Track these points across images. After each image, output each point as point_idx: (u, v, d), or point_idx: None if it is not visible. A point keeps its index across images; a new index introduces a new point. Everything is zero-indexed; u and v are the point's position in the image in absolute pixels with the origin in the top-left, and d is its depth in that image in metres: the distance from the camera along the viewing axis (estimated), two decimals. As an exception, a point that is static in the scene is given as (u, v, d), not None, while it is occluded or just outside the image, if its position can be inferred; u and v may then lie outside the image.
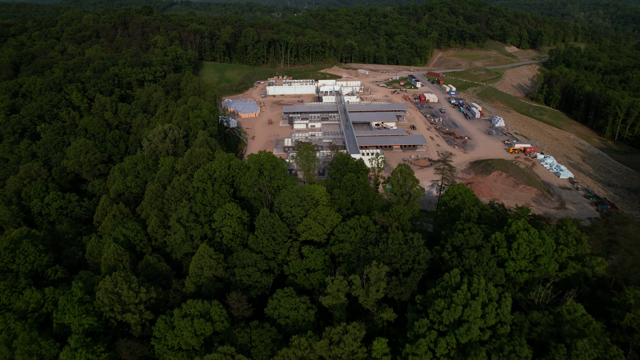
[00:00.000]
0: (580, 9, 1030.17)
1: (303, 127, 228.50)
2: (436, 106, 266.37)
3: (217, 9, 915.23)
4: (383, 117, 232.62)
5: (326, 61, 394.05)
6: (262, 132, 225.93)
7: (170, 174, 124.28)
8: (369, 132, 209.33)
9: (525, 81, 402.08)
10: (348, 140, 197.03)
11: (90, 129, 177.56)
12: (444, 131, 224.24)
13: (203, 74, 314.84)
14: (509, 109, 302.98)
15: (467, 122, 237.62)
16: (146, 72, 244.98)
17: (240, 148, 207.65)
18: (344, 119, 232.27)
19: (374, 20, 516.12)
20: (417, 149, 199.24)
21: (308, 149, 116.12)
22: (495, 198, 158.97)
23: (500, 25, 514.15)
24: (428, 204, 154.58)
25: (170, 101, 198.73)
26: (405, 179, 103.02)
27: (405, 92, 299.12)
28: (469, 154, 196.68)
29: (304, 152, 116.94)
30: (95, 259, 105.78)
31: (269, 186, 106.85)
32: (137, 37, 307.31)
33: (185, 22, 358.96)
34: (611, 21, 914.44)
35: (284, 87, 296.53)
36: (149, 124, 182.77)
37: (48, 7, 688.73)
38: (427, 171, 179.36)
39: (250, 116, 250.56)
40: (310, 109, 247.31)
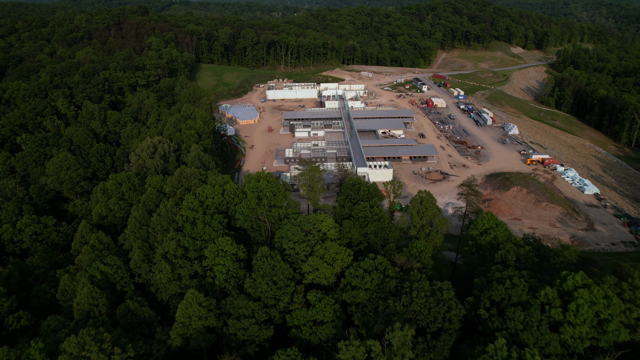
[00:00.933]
0: (583, 8, 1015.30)
1: (305, 135, 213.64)
2: (445, 112, 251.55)
3: (216, 9, 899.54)
4: (390, 124, 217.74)
5: (328, 63, 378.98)
6: (261, 141, 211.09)
7: (158, 197, 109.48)
8: (376, 142, 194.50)
9: (532, 83, 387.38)
10: (354, 151, 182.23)
11: (76, 140, 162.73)
12: (455, 140, 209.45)
13: (200, 77, 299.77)
14: (519, 113, 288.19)
15: (479, 130, 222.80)
16: (139, 77, 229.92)
17: (238, 159, 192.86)
18: (348, 126, 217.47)
19: (376, 20, 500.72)
20: (428, 160, 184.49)
21: (313, 170, 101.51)
22: (517, 217, 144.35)
23: (506, 26, 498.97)
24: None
25: (163, 109, 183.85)
26: (427, 209, 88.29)
27: (411, 96, 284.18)
28: (484, 165, 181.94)
29: (308, 174, 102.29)
30: (69, 301, 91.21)
31: (269, 215, 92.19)
32: (131, 39, 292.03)
33: (182, 23, 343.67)
34: (614, 21, 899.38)
35: (285, 91, 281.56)
36: (140, 134, 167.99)
37: (45, 7, 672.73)
38: (440, 186, 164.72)
39: (249, 123, 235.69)
40: (312, 115, 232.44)
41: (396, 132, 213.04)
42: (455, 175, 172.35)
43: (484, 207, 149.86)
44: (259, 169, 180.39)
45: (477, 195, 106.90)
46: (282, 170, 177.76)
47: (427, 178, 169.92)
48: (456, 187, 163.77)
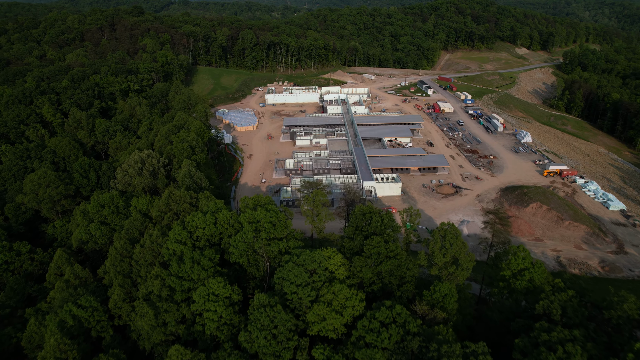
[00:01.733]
0: (585, 8, 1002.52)
1: (306, 143, 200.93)
2: (453, 117, 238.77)
3: (215, 9, 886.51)
4: (396, 131, 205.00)
5: (329, 65, 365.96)
6: (260, 149, 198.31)
7: (143, 223, 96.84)
8: (382, 152, 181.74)
9: (539, 86, 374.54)
10: (359, 161, 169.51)
11: (60, 152, 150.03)
12: (465, 148, 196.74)
13: (197, 80, 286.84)
14: (529, 118, 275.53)
15: (490, 137, 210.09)
16: (131, 81, 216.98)
17: (235, 169, 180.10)
18: (351, 133, 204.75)
19: (378, 20, 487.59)
20: (438, 171, 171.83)
21: (317, 195, 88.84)
22: (538, 238, 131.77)
23: (511, 26, 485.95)
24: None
25: (155, 117, 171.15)
26: (452, 245, 75.63)
27: (416, 100, 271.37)
28: (498, 177, 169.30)
29: (312, 199, 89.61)
30: (36, 349, 78.63)
31: (268, 250, 79.60)
32: (125, 41, 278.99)
33: (178, 24, 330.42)
34: (617, 20, 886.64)
35: (285, 96, 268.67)
36: (129, 145, 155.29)
37: (41, 7, 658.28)
38: (453, 201, 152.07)
39: (247, 129, 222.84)
40: (314, 121, 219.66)
41: (403, 140, 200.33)
42: (469, 188, 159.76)
43: (500, 226, 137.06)
44: (257, 181, 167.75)
45: (506, 225, 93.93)
46: (283, 182, 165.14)
47: (438, 192, 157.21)
48: (471, 202, 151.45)
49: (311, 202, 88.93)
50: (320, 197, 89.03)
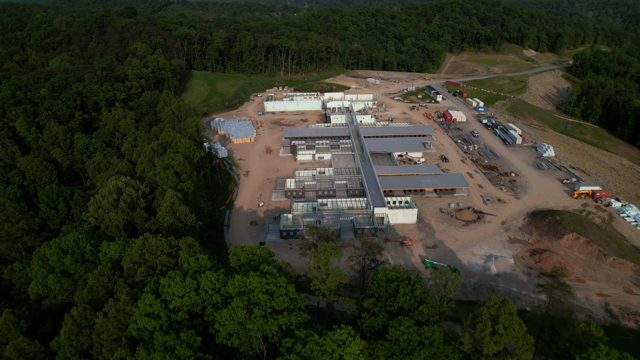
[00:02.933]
0: (589, 8, 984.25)
1: (308, 158, 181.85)
2: (466, 127, 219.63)
3: (214, 9, 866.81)
4: (407, 145, 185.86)
5: (331, 68, 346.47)
6: (258, 165, 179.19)
7: (112, 278, 77.87)
8: (393, 170, 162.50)
9: (550, 90, 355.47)
10: (368, 182, 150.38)
11: (30, 174, 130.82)
12: (483, 164, 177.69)
13: (191, 86, 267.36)
14: (545, 127, 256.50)
15: (508, 151, 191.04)
16: (118, 90, 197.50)
17: (230, 190, 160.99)
18: (358, 146, 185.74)
19: (381, 21, 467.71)
20: (456, 193, 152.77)
21: (327, 250, 69.87)
22: (579, 278, 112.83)
23: (518, 27, 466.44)
24: (485, 292, 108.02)
25: (140, 132, 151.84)
26: (506, 330, 56.52)
27: (425, 107, 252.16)
28: (523, 200, 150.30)
29: (320, 255, 70.60)
30: None
31: (264, 327, 60.58)
32: (114, 44, 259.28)
33: (172, 26, 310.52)
34: (622, 21, 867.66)
35: (285, 103, 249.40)
36: (109, 166, 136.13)
37: (36, 7, 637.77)
38: (475, 229, 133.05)
39: (244, 142, 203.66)
40: (316, 133, 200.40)
41: (414, 155, 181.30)
42: (492, 214, 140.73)
43: (532, 261, 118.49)
44: (254, 204, 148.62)
45: (568, 291, 74.41)
46: (283, 206, 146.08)
47: (458, 218, 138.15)
48: (496, 230, 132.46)
49: (319, 258, 69.81)
50: (330, 252, 69.90)
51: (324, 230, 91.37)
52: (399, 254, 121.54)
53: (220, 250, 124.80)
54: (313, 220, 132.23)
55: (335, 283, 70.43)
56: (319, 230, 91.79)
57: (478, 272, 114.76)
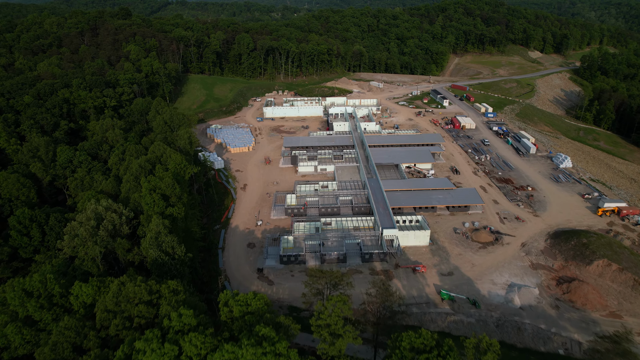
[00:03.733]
0: (591, 8, 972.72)
1: (310, 170, 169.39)
2: (475, 135, 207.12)
3: (213, 9, 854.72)
4: (415, 155, 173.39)
5: (333, 71, 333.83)
6: (256, 178, 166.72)
7: (81, 332, 65.51)
8: (402, 184, 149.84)
9: (558, 93, 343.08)
10: (375, 198, 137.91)
11: (5, 192, 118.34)
12: (497, 177, 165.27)
13: (187, 90, 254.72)
14: (557, 133, 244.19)
15: (522, 162, 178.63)
16: (108, 96, 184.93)
17: (226, 205, 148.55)
18: (362, 157, 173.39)
19: (383, 22, 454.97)
20: (470, 210, 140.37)
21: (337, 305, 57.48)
22: (614, 312, 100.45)
23: (523, 28, 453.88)
24: (510, 330, 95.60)
25: (129, 144, 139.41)
26: None
27: (432, 113, 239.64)
28: (542, 217, 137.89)
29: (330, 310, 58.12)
30: None
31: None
32: (107, 47, 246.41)
33: (168, 28, 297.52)
34: (625, 21, 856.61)
35: (285, 109, 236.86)
36: (93, 183, 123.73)
37: (32, 8, 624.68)
38: (494, 253, 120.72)
39: (242, 151, 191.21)
40: (318, 142, 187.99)
41: (423, 167, 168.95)
42: (510, 234, 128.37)
43: (560, 292, 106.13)
44: (252, 222, 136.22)
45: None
46: (283, 225, 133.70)
47: (474, 240, 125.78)
48: (516, 254, 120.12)
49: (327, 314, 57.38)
50: (340, 308, 57.47)
51: (331, 276, 78.46)
52: (411, 282, 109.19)
53: (214, 277, 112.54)
54: (316, 243, 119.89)
55: (346, 344, 58.00)
56: (324, 274, 78.96)
57: (500, 304, 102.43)
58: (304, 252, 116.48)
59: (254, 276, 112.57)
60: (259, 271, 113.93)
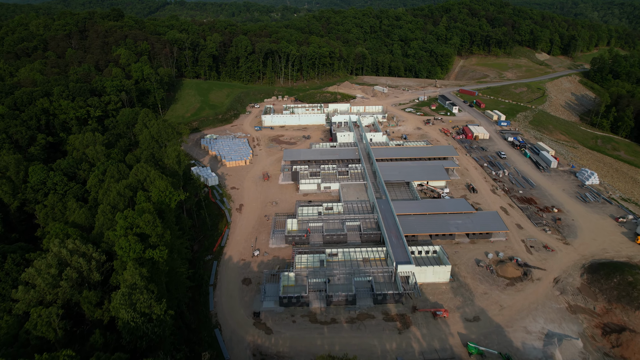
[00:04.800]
0: (594, 8, 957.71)
1: (313, 187, 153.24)
2: (490, 146, 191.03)
3: (212, 9, 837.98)
4: (427, 171, 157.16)
5: (335, 75, 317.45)
6: (254, 197, 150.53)
7: None
8: (416, 207, 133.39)
9: (569, 98, 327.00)
10: (386, 224, 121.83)
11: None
12: (518, 196, 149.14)
13: (181, 96, 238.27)
14: (573, 142, 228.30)
15: (544, 178, 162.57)
16: (92, 106, 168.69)
17: (220, 230, 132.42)
18: (370, 172, 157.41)
19: (385, 23, 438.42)
20: (493, 237, 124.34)
21: None
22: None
23: (530, 29, 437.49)
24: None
25: (111, 164, 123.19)
26: None
27: (441, 121, 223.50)
28: (573, 246, 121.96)
29: None
30: None
31: None
32: (95, 50, 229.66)
33: (162, 30, 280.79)
34: (628, 21, 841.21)
35: (285, 117, 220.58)
36: (65, 211, 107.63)
37: (26, 7, 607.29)
38: (524, 291, 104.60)
39: (238, 165, 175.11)
40: (321, 155, 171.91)
41: (437, 185, 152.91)
42: (540, 267, 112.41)
43: (608, 344, 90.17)
44: (247, 252, 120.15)
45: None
46: (283, 255, 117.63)
47: (500, 275, 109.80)
48: (549, 293, 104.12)
49: None
50: None
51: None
52: (432, 331, 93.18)
53: (204, 323, 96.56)
54: (320, 281, 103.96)
55: None
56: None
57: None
58: (307, 291, 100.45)
59: (250, 322, 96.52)
60: (255, 315, 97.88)
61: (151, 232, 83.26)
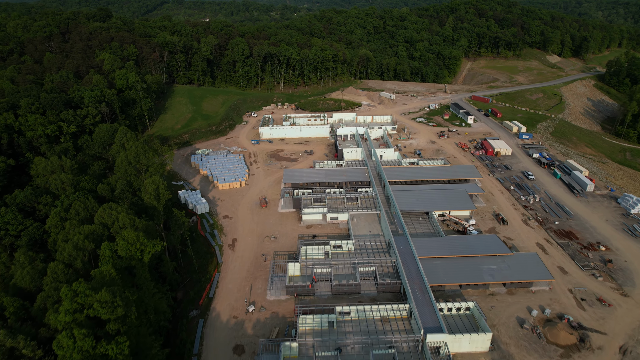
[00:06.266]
0: (598, 7, 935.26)
1: (318, 217, 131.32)
2: (514, 164, 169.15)
3: (210, 8, 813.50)
4: (449, 198, 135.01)
5: (338, 79, 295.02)
6: (249, 229, 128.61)
7: None
8: (439, 246, 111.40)
9: (586, 103, 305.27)
10: (408, 272, 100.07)
11: None
12: (554, 228, 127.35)
13: (171, 105, 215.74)
14: (601, 156, 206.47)
15: (580, 204, 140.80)
16: (66, 121, 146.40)
17: (209, 273, 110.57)
18: (382, 197, 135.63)
19: (389, 23, 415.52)
20: (534, 286, 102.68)
21: None
22: None
23: (541, 30, 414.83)
24: None
25: (77, 197, 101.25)
26: None
27: (456, 133, 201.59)
28: (634, 298, 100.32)
29: None
30: None
31: None
32: (77, 55, 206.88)
33: (153, 31, 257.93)
34: (634, 21, 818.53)
35: (285, 128, 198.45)
36: (11, 267, 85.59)
37: (18, 6, 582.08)
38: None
39: (232, 187, 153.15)
40: (326, 177, 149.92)
41: (461, 215, 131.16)
42: (599, 331, 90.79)
43: None
44: (240, 307, 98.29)
45: None
46: (283, 310, 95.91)
47: (550, 341, 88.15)
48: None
49: None
50: None
51: None
52: None
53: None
54: (332, 355, 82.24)
55: None
56: None
57: None
58: None
59: (241, 413, 74.99)
60: (248, 404, 76.30)
61: (109, 315, 61.22)
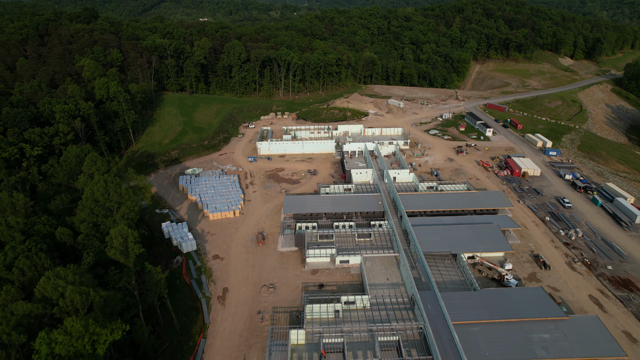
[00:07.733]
0: (602, 7, 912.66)
1: (325, 260, 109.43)
2: (545, 187, 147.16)
3: (209, 7, 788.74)
4: (479, 236, 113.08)
5: (342, 84, 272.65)
6: (243, 275, 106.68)
7: None
8: (474, 303, 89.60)
9: (605, 110, 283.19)
10: (440, 344, 78.41)
11: None
12: (607, 274, 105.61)
13: (160, 117, 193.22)
14: (635, 173, 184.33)
15: (631, 240, 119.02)
16: (30, 141, 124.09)
17: (194, 337, 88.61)
18: (399, 232, 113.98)
19: (394, 24, 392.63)
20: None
21: None
22: None
23: (552, 32, 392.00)
24: None
25: (26, 248, 79.39)
26: None
27: (475, 148, 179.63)
28: None
29: None
30: None
31: None
32: (54, 60, 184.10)
33: (142, 34, 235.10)
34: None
35: (285, 144, 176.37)
36: None
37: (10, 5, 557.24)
38: None
39: (225, 217, 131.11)
40: (333, 206, 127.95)
41: (494, 257, 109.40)
42: None
43: None
44: (230, 392, 76.56)
45: None
46: (284, 400, 74.18)
47: None
48: None
49: None
50: None
51: None
52: None
53: None
54: None
55: None
56: None
57: None
58: None
59: None
60: None
61: None
